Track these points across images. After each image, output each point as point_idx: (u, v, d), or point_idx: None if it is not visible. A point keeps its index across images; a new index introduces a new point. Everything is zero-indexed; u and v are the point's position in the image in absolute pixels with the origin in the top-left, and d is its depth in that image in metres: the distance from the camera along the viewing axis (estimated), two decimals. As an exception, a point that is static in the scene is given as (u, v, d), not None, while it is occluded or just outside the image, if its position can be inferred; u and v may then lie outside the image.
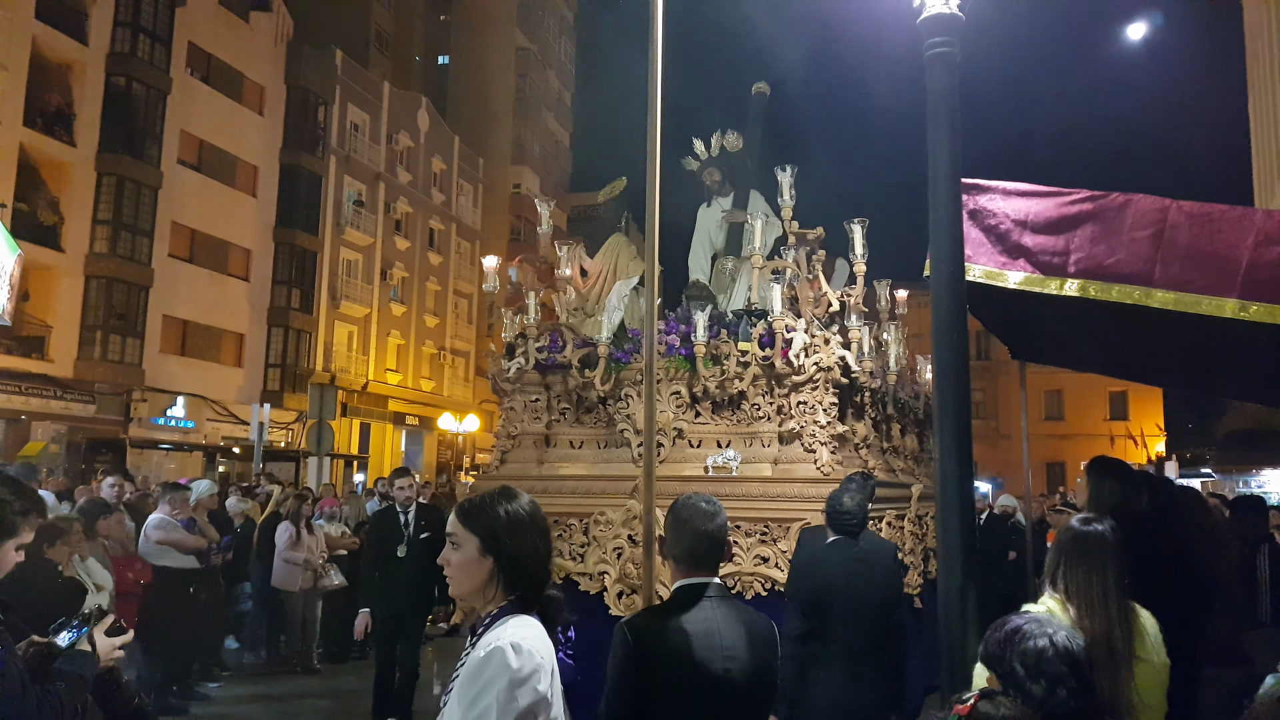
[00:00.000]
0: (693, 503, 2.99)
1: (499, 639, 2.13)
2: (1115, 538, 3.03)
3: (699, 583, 2.90)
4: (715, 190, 7.85)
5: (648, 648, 2.76)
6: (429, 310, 38.56)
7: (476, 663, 2.12)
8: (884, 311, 7.87)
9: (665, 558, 2.99)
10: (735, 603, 2.98)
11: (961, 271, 3.44)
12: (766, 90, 8.01)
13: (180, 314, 26.50)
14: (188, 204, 26.52)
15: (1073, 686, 2.26)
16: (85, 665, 2.94)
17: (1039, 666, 2.28)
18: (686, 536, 2.92)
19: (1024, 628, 2.35)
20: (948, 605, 3.23)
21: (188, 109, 26.50)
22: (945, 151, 3.41)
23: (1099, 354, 6.69)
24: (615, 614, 6.08)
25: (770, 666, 2.94)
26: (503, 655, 2.09)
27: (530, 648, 2.13)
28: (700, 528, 2.92)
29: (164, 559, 8.21)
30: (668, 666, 2.75)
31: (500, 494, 2.36)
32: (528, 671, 2.09)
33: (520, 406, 6.97)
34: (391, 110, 35.93)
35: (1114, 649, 2.82)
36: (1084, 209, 3.87)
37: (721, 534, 2.96)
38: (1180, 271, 3.62)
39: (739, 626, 2.87)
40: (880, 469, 6.93)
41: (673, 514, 2.99)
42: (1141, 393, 43.71)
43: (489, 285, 7.25)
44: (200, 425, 26.86)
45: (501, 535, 2.27)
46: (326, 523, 10.89)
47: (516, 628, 2.18)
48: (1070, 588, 2.95)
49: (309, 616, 10.26)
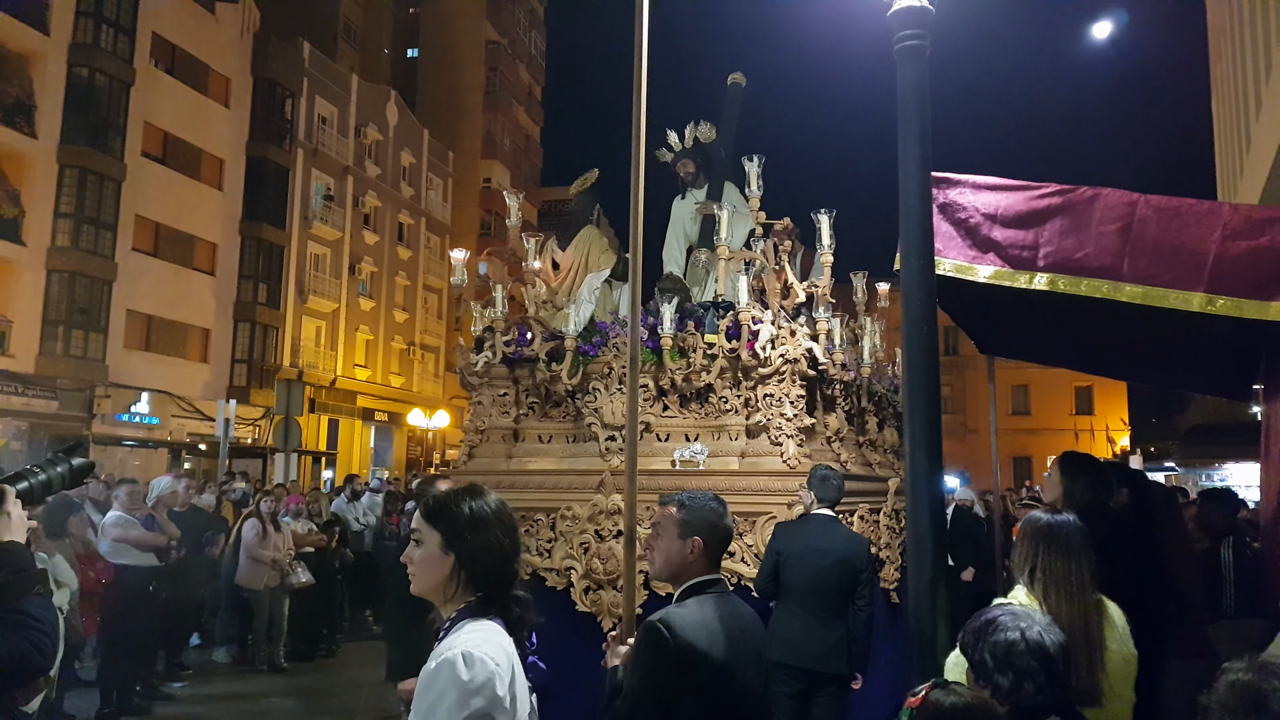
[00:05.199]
0: (708, 501, 2.93)
1: (451, 648, 2.09)
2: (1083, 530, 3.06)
3: (710, 579, 2.84)
4: (689, 182, 7.80)
5: (687, 646, 2.62)
6: (398, 305, 38.31)
7: (428, 675, 2.08)
8: (860, 304, 7.83)
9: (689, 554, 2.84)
10: (734, 597, 2.93)
11: (931, 265, 3.44)
12: (742, 81, 7.95)
13: (144, 309, 26.13)
14: (152, 197, 26.15)
15: (1040, 681, 2.26)
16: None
17: (1008, 659, 2.28)
18: (720, 534, 2.88)
19: (999, 619, 2.36)
20: (918, 598, 3.23)
21: (152, 101, 26.11)
22: (915, 145, 3.40)
23: (1066, 348, 6.73)
24: (582, 610, 6.04)
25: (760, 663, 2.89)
26: (452, 668, 2.05)
27: (483, 655, 2.08)
28: (727, 525, 2.91)
29: (123, 557, 8.07)
30: (707, 667, 2.63)
31: (466, 491, 2.33)
32: (480, 682, 2.05)
33: (488, 401, 6.91)
34: (360, 103, 35.63)
35: (1090, 638, 2.84)
36: (1053, 203, 3.87)
37: (730, 532, 2.97)
38: (1148, 265, 3.63)
39: (750, 621, 2.85)
40: (855, 462, 6.92)
41: (697, 514, 2.87)
42: (1106, 387, 44.31)
43: (457, 279, 7.18)
44: (165, 422, 26.51)
45: (464, 532, 2.24)
46: (293, 520, 10.77)
47: (471, 634, 2.13)
48: (1048, 577, 2.96)
49: (276, 615, 10.16)
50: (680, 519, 2.87)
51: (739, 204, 6.97)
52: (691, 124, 7.77)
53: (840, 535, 5.30)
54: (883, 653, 5.76)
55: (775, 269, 6.78)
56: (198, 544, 9.88)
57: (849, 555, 5.18)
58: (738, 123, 7.90)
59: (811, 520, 5.37)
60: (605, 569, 6.03)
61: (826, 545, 5.16)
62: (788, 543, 5.25)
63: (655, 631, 2.64)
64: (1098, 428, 43.77)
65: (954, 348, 43.05)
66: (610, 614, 5.91)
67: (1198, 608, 4.51)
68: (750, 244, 6.94)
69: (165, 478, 9.47)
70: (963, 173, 4.17)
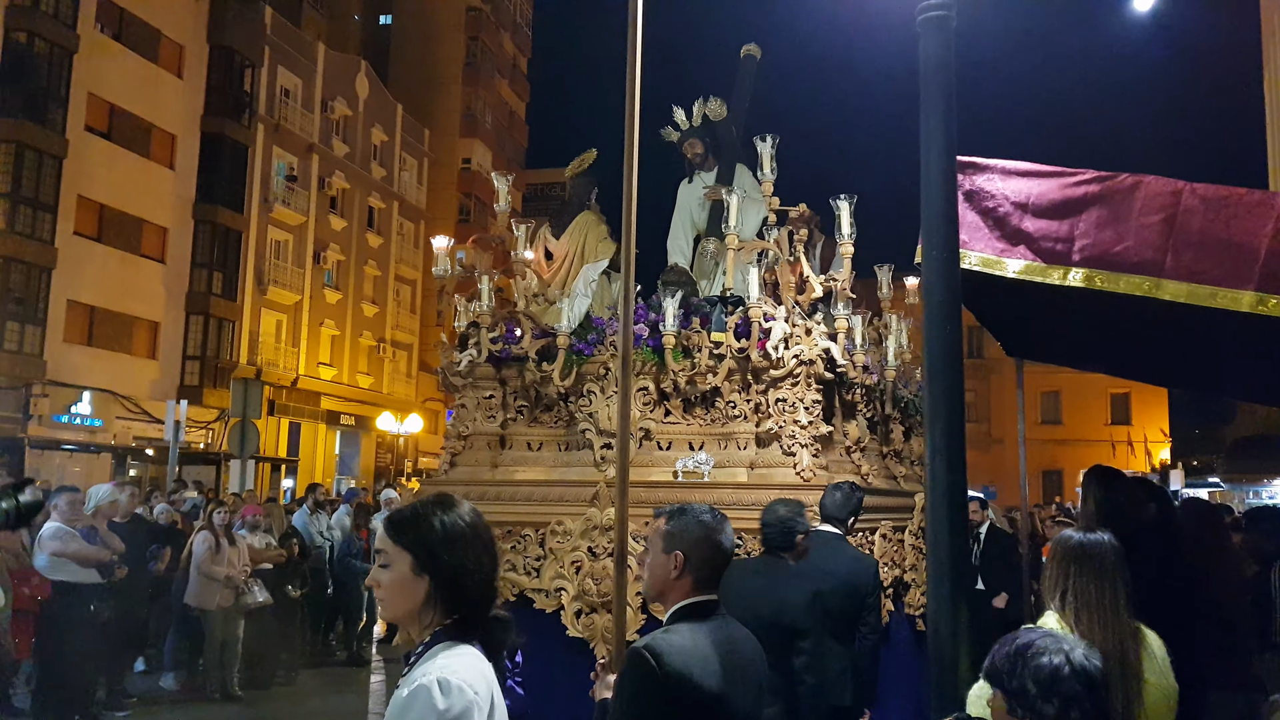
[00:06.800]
0: (700, 514, 2.90)
1: (425, 674, 2.11)
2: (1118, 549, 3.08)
3: (705, 601, 2.82)
4: (697, 164, 7.81)
5: (676, 676, 2.60)
6: (367, 298, 38.27)
7: (400, 703, 2.10)
8: (885, 300, 7.76)
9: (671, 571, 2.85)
10: (732, 620, 2.92)
11: (955, 258, 3.45)
12: (757, 53, 7.95)
13: (87, 299, 26.06)
14: (96, 176, 26.07)
15: (1087, 708, 2.30)
16: None
17: (1053, 685, 2.31)
18: (708, 550, 2.84)
19: (1038, 643, 2.39)
20: (937, 624, 3.25)
21: (97, 70, 26.03)
22: (939, 126, 3.41)
23: (1102, 351, 6.76)
24: (573, 635, 6.06)
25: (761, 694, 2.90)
26: (428, 694, 2.07)
27: (461, 682, 2.09)
28: (718, 541, 2.86)
29: (61, 573, 8.06)
30: (699, 699, 2.62)
31: (435, 502, 2.30)
32: (457, 711, 2.06)
33: (472, 404, 6.93)
34: (327, 74, 35.57)
35: (1127, 666, 2.87)
36: (1090, 191, 3.90)
37: (730, 550, 2.91)
38: (1194, 260, 3.65)
39: (749, 647, 2.85)
40: (877, 475, 6.92)
41: (683, 525, 2.88)
42: (1145, 394, 44.41)
43: (439, 269, 7.18)
44: (109, 424, 26.43)
45: (438, 551, 2.21)
46: (249, 533, 10.75)
47: (447, 659, 2.15)
48: (1080, 601, 2.99)
49: (229, 637, 10.13)
50: (665, 531, 2.88)
51: (751, 188, 6.98)
52: (700, 100, 7.77)
53: (845, 556, 5.18)
54: (905, 686, 5.77)
55: (790, 260, 6.81)
56: (143, 559, 9.87)
57: (852, 578, 5.03)
58: (751, 99, 7.90)
59: (814, 539, 5.25)
60: (599, 590, 6.02)
61: (828, 567, 5.00)
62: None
63: (641, 660, 2.62)
64: (1135, 439, 43.83)
65: (979, 350, 43.15)
66: (604, 640, 5.93)
67: (1244, 637, 4.54)
68: (763, 233, 6.95)
69: (105, 485, 9.45)
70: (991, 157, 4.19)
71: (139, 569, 9.76)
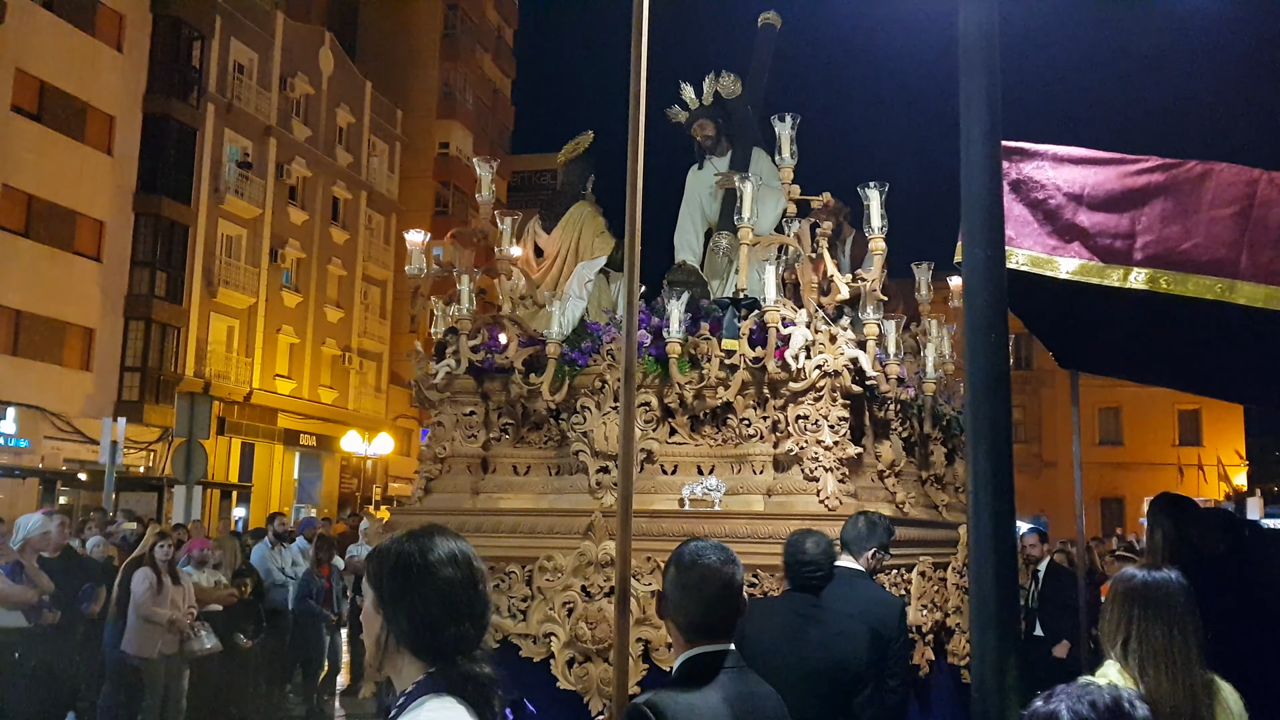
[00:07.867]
0: (701, 555, 2.91)
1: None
2: (1189, 590, 3.07)
3: (715, 651, 2.83)
4: (708, 148, 7.84)
5: None
6: (331, 301, 38.30)
7: None
8: (924, 303, 7.78)
9: (665, 619, 2.93)
10: (751, 674, 2.93)
11: (1001, 257, 3.44)
12: (777, 22, 7.98)
13: (11, 302, 26.10)
14: (23, 162, 26.13)
15: None
16: None
17: None
18: (698, 600, 2.86)
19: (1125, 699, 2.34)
20: (982, 676, 3.23)
21: (24, 42, 26.11)
22: (981, 105, 3.40)
23: (1167, 362, 6.77)
24: (564, 688, 6.04)
25: None
26: None
27: None
28: (715, 588, 2.86)
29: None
30: None
31: (412, 533, 2.36)
32: None
33: (450, 421, 6.93)
34: (287, 48, 35.67)
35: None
36: (1154, 180, 3.91)
37: (739, 592, 2.92)
38: (1272, 259, 3.66)
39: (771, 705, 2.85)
40: (915, 503, 6.91)
41: (678, 570, 2.92)
42: (1218, 412, 44.36)
43: (413, 268, 7.18)
44: (37, 444, 26.45)
45: (386, 585, 2.27)
46: (196, 570, 10.74)
47: (431, 712, 2.16)
48: (1145, 649, 2.97)
49: (173, 689, 10.11)
50: (666, 573, 2.95)
51: (769, 175, 6.99)
52: (712, 76, 7.79)
53: (863, 597, 5.01)
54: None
55: (812, 257, 6.80)
56: (75, 599, 9.85)
57: (873, 621, 4.80)
58: (769, 74, 7.91)
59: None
60: (594, 635, 6.01)
61: (840, 608, 4.78)
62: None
63: (640, 716, 2.65)
64: (1207, 461, 43.83)
65: (1027, 360, 43.15)
66: (600, 693, 5.91)
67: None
68: (782, 226, 6.96)
69: (34, 515, 9.44)
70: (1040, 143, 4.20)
71: (71, 611, 9.75)
